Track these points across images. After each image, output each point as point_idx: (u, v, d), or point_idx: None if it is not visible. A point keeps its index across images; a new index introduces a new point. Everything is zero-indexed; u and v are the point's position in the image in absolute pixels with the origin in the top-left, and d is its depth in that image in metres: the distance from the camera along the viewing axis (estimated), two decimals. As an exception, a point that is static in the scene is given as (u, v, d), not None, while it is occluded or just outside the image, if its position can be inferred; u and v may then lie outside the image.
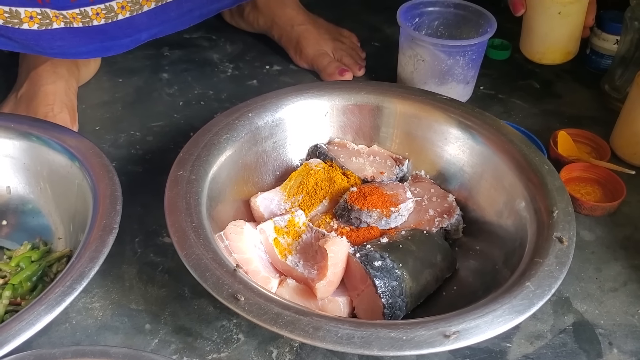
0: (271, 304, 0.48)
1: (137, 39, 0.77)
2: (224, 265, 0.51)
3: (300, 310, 0.48)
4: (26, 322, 0.47)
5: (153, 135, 0.80)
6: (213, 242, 0.54)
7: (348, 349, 0.45)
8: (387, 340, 0.46)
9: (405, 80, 0.85)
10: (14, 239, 0.64)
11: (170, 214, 0.55)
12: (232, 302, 0.48)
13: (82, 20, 0.71)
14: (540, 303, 0.49)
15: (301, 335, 0.46)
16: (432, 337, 0.46)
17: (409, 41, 0.81)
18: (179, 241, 0.52)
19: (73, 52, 0.74)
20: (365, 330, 0.46)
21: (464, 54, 0.79)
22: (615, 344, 0.57)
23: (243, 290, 0.49)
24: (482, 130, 0.66)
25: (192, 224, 0.54)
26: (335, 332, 0.46)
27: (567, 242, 0.54)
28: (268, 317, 0.47)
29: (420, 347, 0.46)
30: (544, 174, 0.61)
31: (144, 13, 0.75)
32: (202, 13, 0.81)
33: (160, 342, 0.56)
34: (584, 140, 0.80)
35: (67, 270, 0.51)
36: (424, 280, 0.57)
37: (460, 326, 0.47)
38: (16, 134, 0.65)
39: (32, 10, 0.67)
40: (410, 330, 0.46)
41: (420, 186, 0.68)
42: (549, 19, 0.81)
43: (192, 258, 0.51)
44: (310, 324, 0.46)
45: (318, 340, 0.46)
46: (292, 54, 0.94)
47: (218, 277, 0.49)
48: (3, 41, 0.70)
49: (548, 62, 0.85)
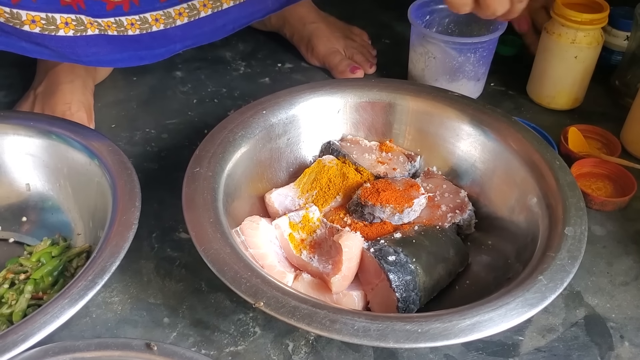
0: (288, 298, 0.49)
1: (171, 49, 0.78)
2: (242, 259, 0.52)
3: (317, 304, 0.49)
4: (50, 315, 0.48)
5: (168, 133, 0.81)
6: (230, 237, 0.55)
7: (364, 341, 0.46)
8: (403, 332, 0.46)
9: (417, 78, 0.86)
10: (34, 235, 0.65)
11: (188, 210, 0.56)
12: (250, 296, 0.49)
13: (116, 29, 0.72)
14: (553, 296, 0.50)
15: (318, 327, 0.47)
16: (447, 330, 0.47)
17: (420, 38, 0.82)
18: (197, 236, 0.53)
19: (108, 59, 0.74)
20: (381, 323, 0.47)
21: (474, 51, 0.80)
22: (626, 337, 0.58)
23: (261, 284, 0.50)
24: (494, 126, 0.67)
25: (210, 220, 0.55)
26: (351, 325, 0.47)
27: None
28: (285, 310, 0.48)
29: (435, 339, 0.46)
30: (556, 170, 0.62)
31: (178, 27, 0.76)
32: (234, 27, 0.82)
33: (179, 335, 0.57)
34: (594, 136, 0.80)
35: (88, 265, 0.52)
36: (437, 274, 0.58)
37: (475, 319, 0.48)
38: (36, 132, 0.66)
39: (68, 16, 0.68)
40: (425, 323, 0.47)
41: (433, 182, 0.69)
42: (565, 63, 0.81)
43: (210, 253, 0.52)
44: (327, 317, 0.47)
45: (335, 333, 0.47)
46: (304, 52, 0.95)
47: (236, 271, 0.51)
48: (39, 50, 0.70)
49: (556, 107, 0.86)
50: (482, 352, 0.56)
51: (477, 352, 0.56)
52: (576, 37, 0.79)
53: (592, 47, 0.79)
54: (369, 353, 0.56)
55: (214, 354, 0.56)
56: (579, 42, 0.79)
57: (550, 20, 0.82)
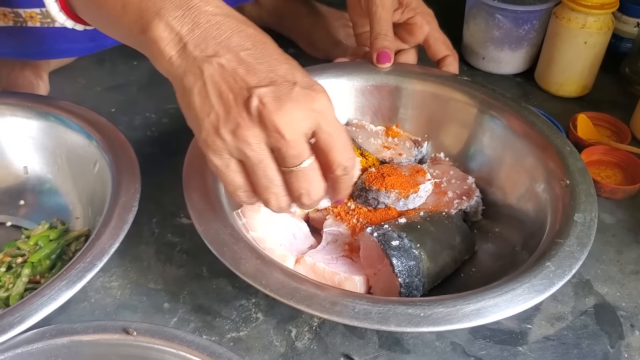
0: (289, 279, 0.48)
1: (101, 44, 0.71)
2: (242, 240, 0.51)
3: (318, 286, 0.48)
4: (47, 297, 0.47)
5: (168, 118, 0.80)
6: (231, 218, 0.53)
7: (365, 324, 0.45)
8: (405, 316, 0.45)
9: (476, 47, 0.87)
10: (32, 219, 0.64)
11: (188, 190, 0.55)
12: (250, 277, 0.47)
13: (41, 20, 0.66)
14: (561, 283, 0.49)
15: (318, 309, 0.45)
16: (450, 315, 0.45)
17: (483, 9, 0.84)
18: (197, 216, 0.52)
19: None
20: (383, 306, 0.46)
21: (539, 19, 0.84)
22: (637, 326, 0.57)
23: (261, 265, 0.48)
24: (503, 112, 0.66)
25: (210, 200, 0.54)
26: (352, 308, 0.46)
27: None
28: (285, 291, 0.47)
29: (437, 324, 0.45)
30: (566, 156, 0.60)
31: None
32: None
33: (180, 320, 0.56)
34: (603, 123, 0.79)
35: (87, 247, 0.51)
36: (442, 261, 0.57)
37: (480, 304, 0.46)
38: (34, 114, 0.65)
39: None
40: (428, 307, 0.46)
41: (440, 168, 0.67)
42: (574, 48, 0.80)
43: (210, 233, 0.51)
44: (328, 299, 0.46)
45: (335, 315, 0.45)
46: (305, 47, 0.92)
47: (235, 251, 0.50)
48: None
49: (565, 94, 0.85)
50: (489, 340, 0.55)
51: (485, 340, 0.55)
52: (586, 22, 0.77)
53: (602, 32, 0.78)
54: (373, 340, 0.55)
55: (215, 339, 0.54)
56: (589, 27, 0.77)
57: (559, 5, 0.80)
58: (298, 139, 0.42)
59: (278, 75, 0.43)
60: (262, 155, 0.43)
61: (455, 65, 0.72)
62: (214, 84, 0.42)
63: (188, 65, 0.43)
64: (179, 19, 0.43)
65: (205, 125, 0.43)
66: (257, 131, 0.42)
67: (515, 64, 0.89)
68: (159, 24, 0.43)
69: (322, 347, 0.54)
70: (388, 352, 0.54)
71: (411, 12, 0.72)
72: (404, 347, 0.55)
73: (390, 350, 0.54)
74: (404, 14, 0.72)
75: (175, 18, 0.42)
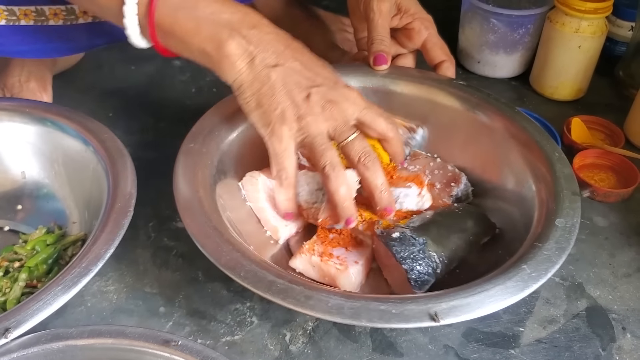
0: (265, 272, 0.49)
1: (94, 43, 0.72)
2: (223, 233, 0.52)
3: (294, 280, 0.49)
4: (43, 301, 0.47)
5: (165, 122, 0.81)
6: (217, 212, 0.55)
7: (337, 318, 0.46)
8: (376, 312, 0.46)
9: (471, 51, 0.88)
10: (29, 224, 0.64)
11: (177, 184, 0.57)
12: (229, 269, 0.49)
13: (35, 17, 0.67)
14: (535, 286, 0.49)
15: (292, 303, 0.46)
16: (421, 312, 0.46)
17: (478, 13, 0.85)
18: (184, 210, 0.54)
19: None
20: (356, 301, 0.47)
21: (534, 23, 0.84)
22: (628, 328, 0.57)
23: (240, 258, 0.50)
24: (497, 116, 0.66)
25: (198, 194, 0.55)
26: (325, 302, 0.46)
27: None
28: (262, 284, 0.48)
29: (408, 321, 0.46)
30: (554, 162, 0.60)
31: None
32: None
33: (175, 324, 0.57)
34: (597, 127, 0.79)
35: (83, 252, 0.51)
36: (453, 244, 0.57)
37: (451, 303, 0.47)
38: (31, 119, 0.65)
39: None
40: (400, 304, 0.47)
41: (419, 162, 0.68)
42: (568, 52, 0.80)
43: (194, 225, 0.52)
44: (303, 292, 0.47)
45: (308, 309, 0.46)
46: None
47: (217, 243, 0.51)
48: None
49: (559, 97, 0.85)
50: (481, 343, 0.56)
51: (477, 343, 0.56)
52: (580, 27, 0.78)
53: (596, 36, 0.78)
54: (367, 343, 0.55)
55: (210, 343, 0.55)
56: (582, 32, 0.78)
57: (553, 10, 0.81)
58: (347, 120, 0.56)
59: (324, 78, 0.56)
60: (321, 129, 0.54)
61: (452, 70, 0.73)
62: (280, 87, 0.54)
63: (256, 74, 0.54)
64: (247, 38, 0.53)
65: (273, 118, 0.54)
66: (318, 116, 0.54)
67: (510, 68, 0.89)
68: (232, 42, 0.53)
69: (316, 351, 0.55)
70: (381, 355, 0.55)
71: (410, 17, 0.72)
72: (397, 350, 0.55)
73: (383, 354, 0.55)
74: (402, 19, 0.73)
75: (245, 37, 0.53)
